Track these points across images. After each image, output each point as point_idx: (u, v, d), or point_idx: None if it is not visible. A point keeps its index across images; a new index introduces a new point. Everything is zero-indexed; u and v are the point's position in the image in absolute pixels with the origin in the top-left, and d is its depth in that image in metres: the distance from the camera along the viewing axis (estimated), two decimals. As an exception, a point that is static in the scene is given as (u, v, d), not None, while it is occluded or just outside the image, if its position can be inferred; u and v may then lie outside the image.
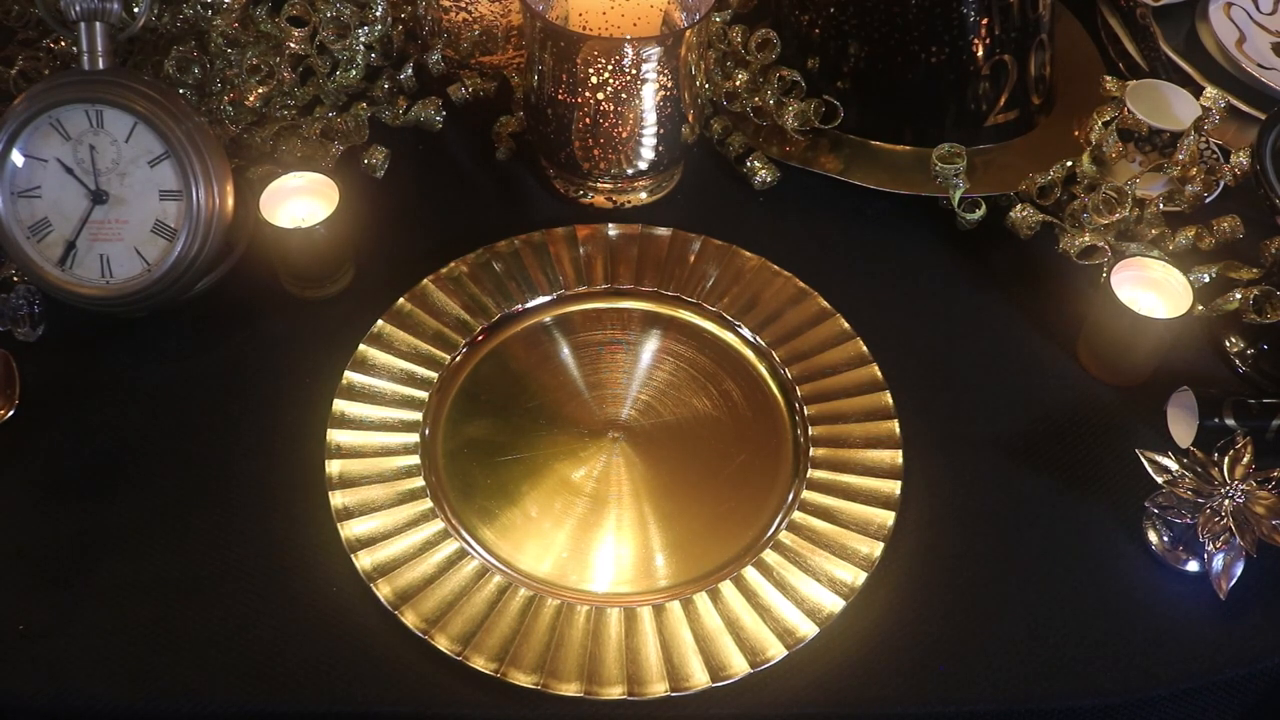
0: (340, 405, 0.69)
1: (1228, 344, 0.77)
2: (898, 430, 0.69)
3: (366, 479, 0.66)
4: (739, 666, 0.59)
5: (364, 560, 0.63)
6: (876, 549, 0.64)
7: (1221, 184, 0.81)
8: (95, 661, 0.59)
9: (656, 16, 0.83)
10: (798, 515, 0.66)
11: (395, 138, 0.86)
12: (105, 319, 0.74)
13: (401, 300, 0.75)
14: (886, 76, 0.86)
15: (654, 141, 0.79)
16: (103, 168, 0.70)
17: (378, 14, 0.85)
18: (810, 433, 0.70)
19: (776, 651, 0.60)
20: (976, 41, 0.84)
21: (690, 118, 0.80)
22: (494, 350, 0.74)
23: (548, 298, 0.77)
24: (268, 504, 0.66)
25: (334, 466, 0.66)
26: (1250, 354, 0.76)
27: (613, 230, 0.80)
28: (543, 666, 0.59)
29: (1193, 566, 0.65)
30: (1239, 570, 0.62)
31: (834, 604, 0.62)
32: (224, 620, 0.61)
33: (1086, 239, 0.77)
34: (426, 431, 0.69)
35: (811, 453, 0.69)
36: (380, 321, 0.73)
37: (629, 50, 0.74)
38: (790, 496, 0.67)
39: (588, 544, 0.65)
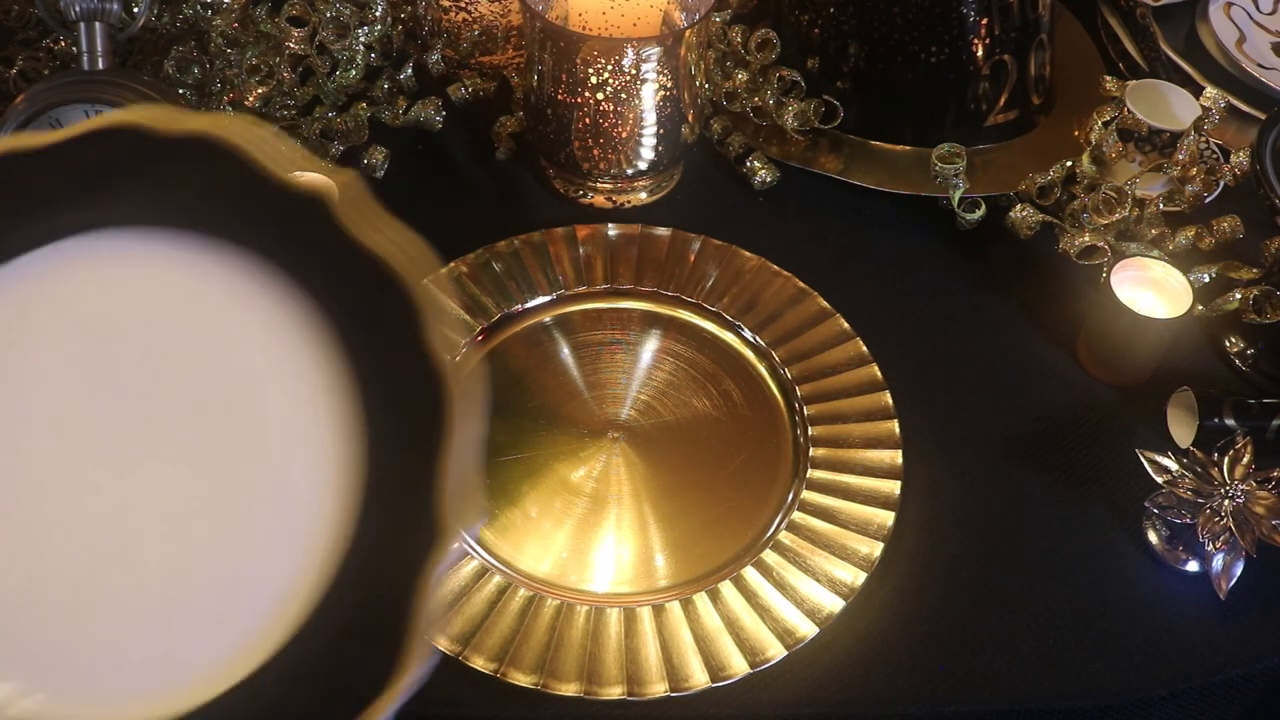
0: (340, 405, 0.69)
1: (1228, 344, 0.77)
2: (897, 430, 0.69)
3: (366, 479, 0.66)
4: (739, 666, 0.59)
5: (364, 560, 0.63)
6: (876, 549, 0.64)
7: (1221, 184, 0.81)
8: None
9: (656, 16, 0.83)
10: (797, 515, 0.66)
11: (395, 138, 0.86)
12: (105, 319, 0.74)
13: (401, 300, 0.75)
14: (886, 76, 0.86)
15: (654, 141, 0.79)
16: (102, 168, 0.70)
17: (378, 14, 0.85)
18: (810, 433, 0.70)
19: (776, 651, 0.60)
20: (976, 41, 0.84)
21: (690, 118, 0.80)
22: (494, 350, 0.74)
23: (547, 298, 0.77)
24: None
25: (334, 466, 0.66)
26: (1250, 354, 0.76)
27: (612, 230, 0.80)
28: (542, 666, 0.59)
29: (1193, 566, 0.65)
30: (1239, 570, 0.62)
31: (834, 604, 0.62)
32: (224, 620, 0.61)
33: (1086, 239, 0.77)
34: (426, 431, 0.69)
35: (811, 453, 0.69)
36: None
37: (629, 50, 0.74)
38: (790, 496, 0.67)
39: (587, 544, 0.65)
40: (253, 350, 0.45)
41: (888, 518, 0.65)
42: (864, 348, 0.73)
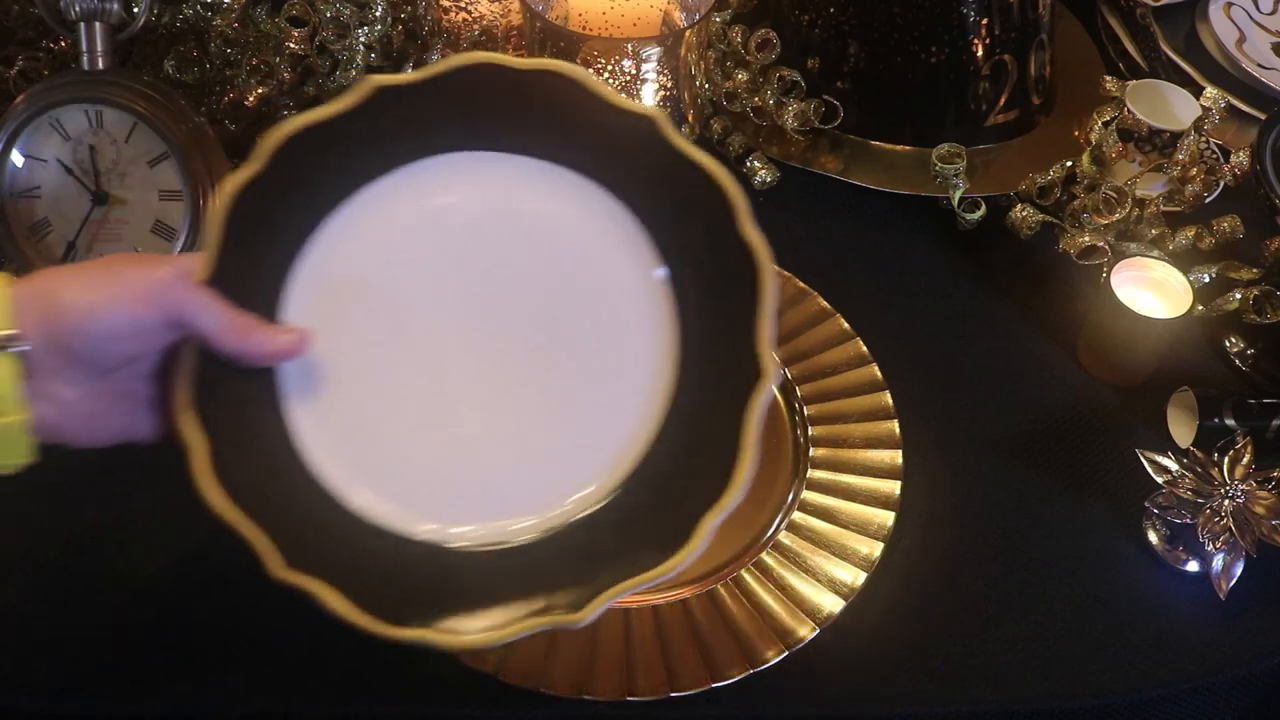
0: (340, 405, 0.69)
1: (1228, 344, 0.77)
2: (897, 430, 0.69)
3: (367, 479, 0.67)
4: (739, 667, 0.59)
5: (364, 560, 0.63)
6: (876, 549, 0.64)
7: (1221, 184, 0.81)
8: (95, 661, 0.59)
9: (656, 16, 0.83)
10: (797, 515, 0.66)
11: (395, 138, 0.86)
12: (105, 319, 0.74)
13: (401, 300, 0.75)
14: (886, 76, 0.86)
15: (654, 141, 0.79)
16: (103, 168, 0.70)
17: (378, 14, 0.85)
18: (810, 433, 0.70)
19: (776, 652, 0.60)
20: (976, 41, 0.84)
21: (690, 118, 0.80)
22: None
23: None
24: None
25: (334, 466, 0.67)
26: (1250, 354, 0.76)
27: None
28: (542, 667, 0.59)
29: (1193, 566, 0.65)
30: (1239, 570, 0.62)
31: (834, 604, 0.62)
32: (224, 620, 0.61)
33: (1086, 239, 0.77)
34: (427, 431, 0.70)
35: (811, 453, 0.69)
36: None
37: (629, 50, 0.74)
38: (790, 496, 0.67)
39: (588, 544, 0.65)
40: (592, 243, 0.56)
41: (888, 518, 0.65)
42: (864, 348, 0.73)
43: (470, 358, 0.55)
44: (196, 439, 0.50)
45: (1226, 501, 0.62)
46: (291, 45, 0.84)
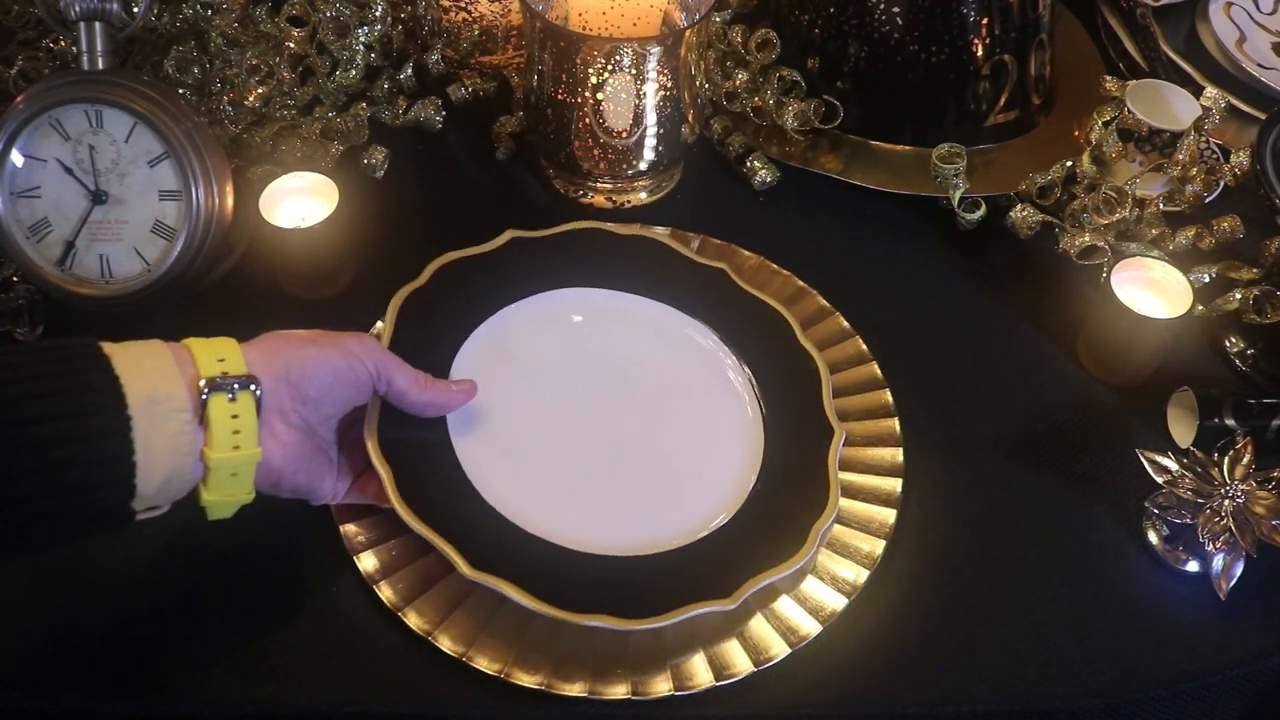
0: (341, 405, 0.69)
1: (1228, 344, 0.77)
2: (898, 428, 0.69)
3: (368, 479, 0.67)
4: (742, 665, 0.59)
5: (366, 562, 0.62)
6: (878, 547, 0.64)
7: (1221, 184, 0.82)
8: (95, 661, 0.59)
9: (656, 16, 0.83)
10: (798, 515, 0.66)
11: (395, 138, 0.86)
12: (105, 319, 0.74)
13: (402, 300, 0.75)
14: (886, 76, 0.86)
15: (654, 141, 0.79)
16: (102, 168, 0.70)
17: (377, 14, 0.85)
18: (811, 433, 0.70)
19: (780, 650, 0.60)
20: (976, 41, 0.84)
21: (690, 118, 0.80)
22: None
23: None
24: (269, 504, 0.66)
25: (335, 467, 0.67)
26: (1250, 354, 0.76)
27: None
28: (546, 667, 0.59)
29: (1193, 566, 0.65)
30: (1239, 570, 0.62)
31: (836, 602, 0.62)
32: (224, 620, 0.61)
33: (1086, 239, 0.77)
34: (428, 431, 0.71)
35: (812, 453, 0.69)
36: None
37: (629, 50, 0.74)
38: (791, 496, 0.68)
39: (589, 544, 0.66)
40: (688, 346, 0.72)
41: (889, 515, 0.65)
42: (864, 346, 0.73)
43: (601, 416, 0.69)
44: (385, 470, 0.60)
45: (1226, 501, 0.62)
46: (291, 45, 0.84)
